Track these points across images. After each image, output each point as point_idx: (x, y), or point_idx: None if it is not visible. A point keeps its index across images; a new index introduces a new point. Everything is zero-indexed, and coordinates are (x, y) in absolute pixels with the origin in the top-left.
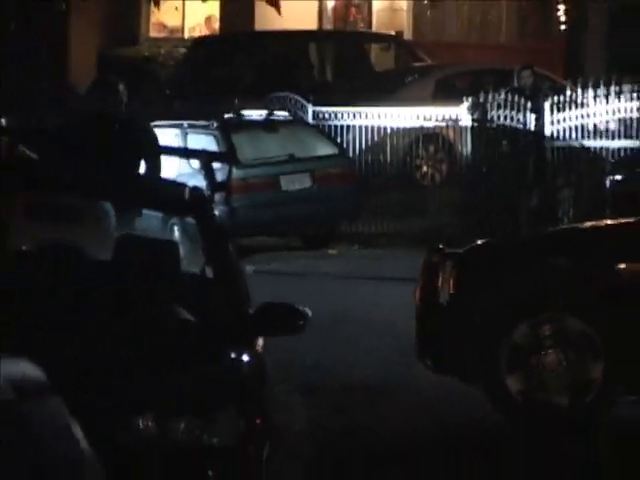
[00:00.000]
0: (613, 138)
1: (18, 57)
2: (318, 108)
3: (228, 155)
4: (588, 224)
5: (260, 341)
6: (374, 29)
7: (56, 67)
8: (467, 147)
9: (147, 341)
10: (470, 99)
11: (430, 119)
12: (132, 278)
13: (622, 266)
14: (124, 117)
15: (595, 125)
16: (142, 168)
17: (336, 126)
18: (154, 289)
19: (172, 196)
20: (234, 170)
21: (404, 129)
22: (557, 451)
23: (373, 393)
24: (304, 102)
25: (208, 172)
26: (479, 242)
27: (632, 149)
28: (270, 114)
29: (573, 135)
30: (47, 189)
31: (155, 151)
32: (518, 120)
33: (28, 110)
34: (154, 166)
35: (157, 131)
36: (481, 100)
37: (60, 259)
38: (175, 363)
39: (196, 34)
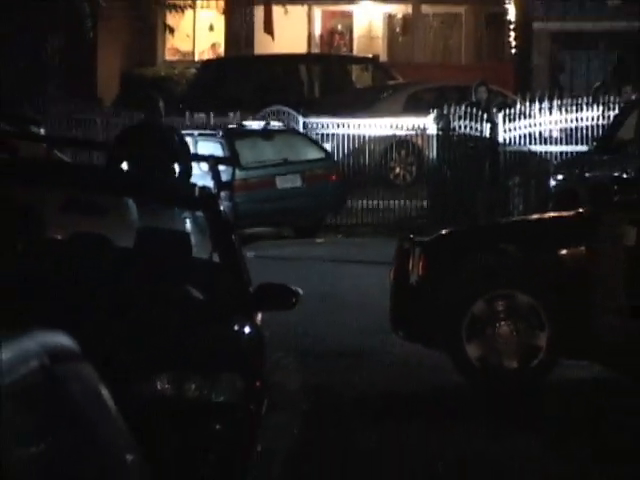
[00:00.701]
0: (556, 144)
1: (56, 76)
2: (307, 119)
3: (232, 159)
4: (534, 216)
5: (259, 315)
6: (355, 53)
7: (87, 84)
8: (433, 152)
9: (164, 315)
10: (436, 111)
11: (402, 128)
12: (151, 263)
13: (562, 251)
14: (165, 127)
15: (541, 133)
16: (177, 171)
17: (323, 134)
18: (170, 272)
19: (185, 194)
20: (237, 172)
21: (380, 137)
22: (508, 406)
23: (355, 358)
24: (295, 114)
25: (215, 173)
26: (443, 231)
27: (571, 153)
28: (267, 124)
29: (522, 141)
30: (83, 188)
31: (189, 157)
32: (476, 129)
33: (64, 120)
34: (188, 169)
35: None
36: (445, 112)
37: (90, 247)
38: (187, 333)
39: (205, 57)
